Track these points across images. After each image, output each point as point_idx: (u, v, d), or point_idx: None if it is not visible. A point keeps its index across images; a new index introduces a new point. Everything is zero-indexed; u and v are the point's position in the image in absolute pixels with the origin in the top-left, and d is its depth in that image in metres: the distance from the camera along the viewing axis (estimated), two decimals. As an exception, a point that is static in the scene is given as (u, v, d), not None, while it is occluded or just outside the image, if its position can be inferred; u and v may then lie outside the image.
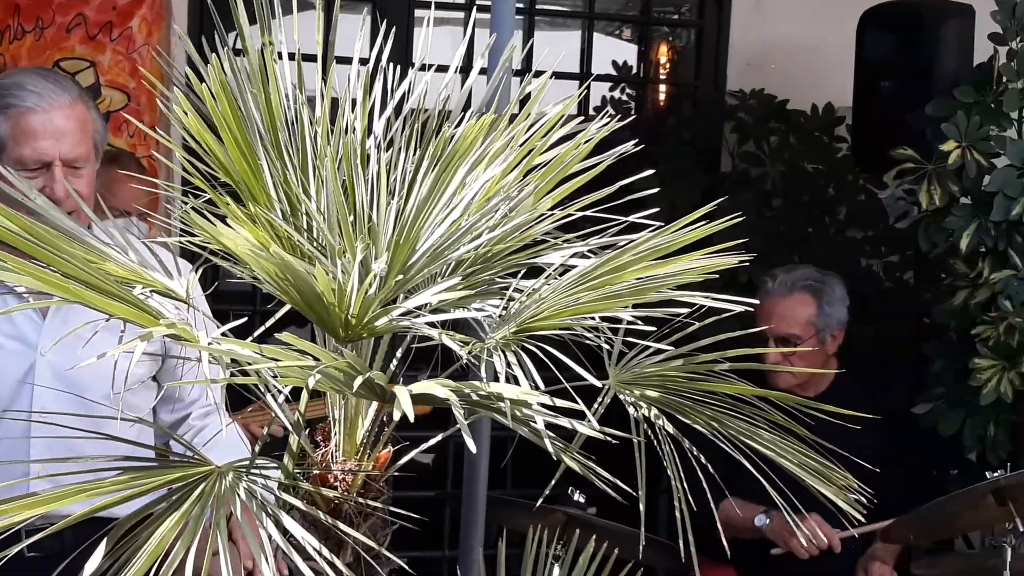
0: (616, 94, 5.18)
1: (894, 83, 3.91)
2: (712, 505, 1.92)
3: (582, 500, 3.18)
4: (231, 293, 4.46)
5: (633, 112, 5.11)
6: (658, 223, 1.73)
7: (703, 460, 1.74)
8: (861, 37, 4.03)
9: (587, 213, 1.83)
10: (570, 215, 1.80)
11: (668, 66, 5.20)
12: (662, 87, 5.20)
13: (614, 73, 5.04)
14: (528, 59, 4.66)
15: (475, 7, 4.22)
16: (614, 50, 5.12)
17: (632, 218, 1.78)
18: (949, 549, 4.19)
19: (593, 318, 1.70)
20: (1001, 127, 3.59)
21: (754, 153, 4.61)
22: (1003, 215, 3.49)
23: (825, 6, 4.71)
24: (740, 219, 1.78)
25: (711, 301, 1.65)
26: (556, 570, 1.98)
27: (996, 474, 3.02)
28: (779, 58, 4.80)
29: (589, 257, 1.76)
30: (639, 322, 1.71)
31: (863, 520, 1.93)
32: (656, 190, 1.85)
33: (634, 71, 5.02)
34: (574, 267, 1.73)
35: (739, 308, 1.67)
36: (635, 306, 1.61)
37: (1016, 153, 3.52)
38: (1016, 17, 3.57)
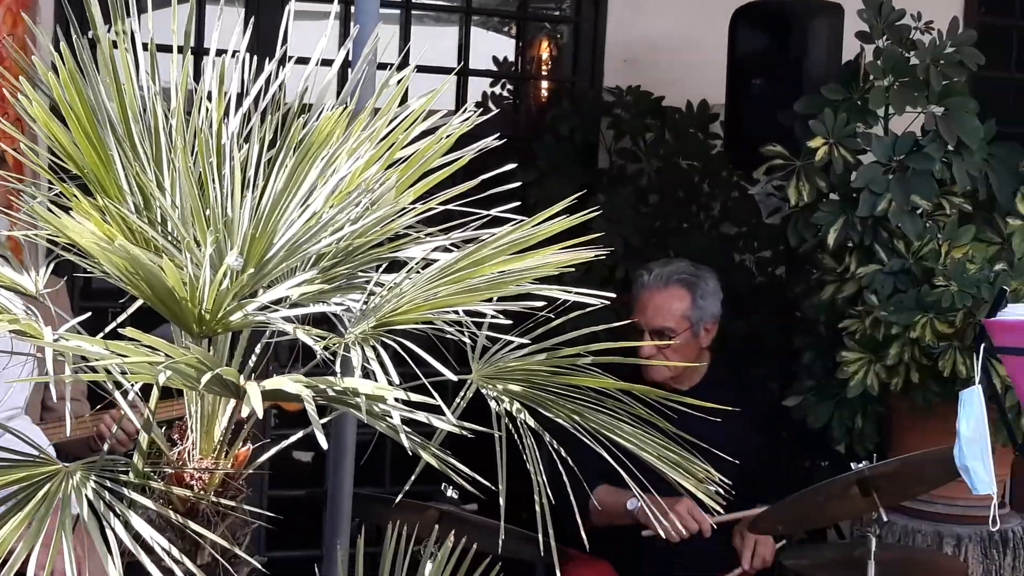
0: (497, 90, 5.18)
1: (765, 81, 3.96)
2: (571, 498, 1.92)
3: (455, 496, 3.17)
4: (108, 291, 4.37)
5: (513, 108, 5.10)
6: (519, 217, 1.73)
7: (563, 454, 1.75)
8: (733, 35, 4.08)
9: (452, 207, 1.83)
10: (432, 209, 1.79)
11: (547, 62, 5.22)
12: (541, 83, 5.21)
13: (494, 68, 5.04)
14: (407, 54, 4.65)
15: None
16: (495, 46, 5.12)
17: (493, 212, 1.78)
18: (823, 539, 4.27)
19: (458, 312, 1.69)
20: (867, 124, 3.66)
21: (631, 149, 4.65)
22: (869, 211, 3.56)
23: (699, 4, 4.76)
24: (598, 213, 1.77)
25: (568, 295, 1.65)
26: (428, 567, 1.97)
27: (860, 465, 3.08)
28: (655, 55, 4.84)
29: (452, 251, 1.75)
30: (501, 316, 1.71)
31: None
32: (515, 185, 1.82)
33: (514, 67, 5.03)
34: (437, 261, 1.72)
35: (597, 302, 1.67)
36: (494, 300, 1.61)
37: (881, 150, 3.59)
38: (882, 16, 3.64)
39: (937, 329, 3.45)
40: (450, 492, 3.12)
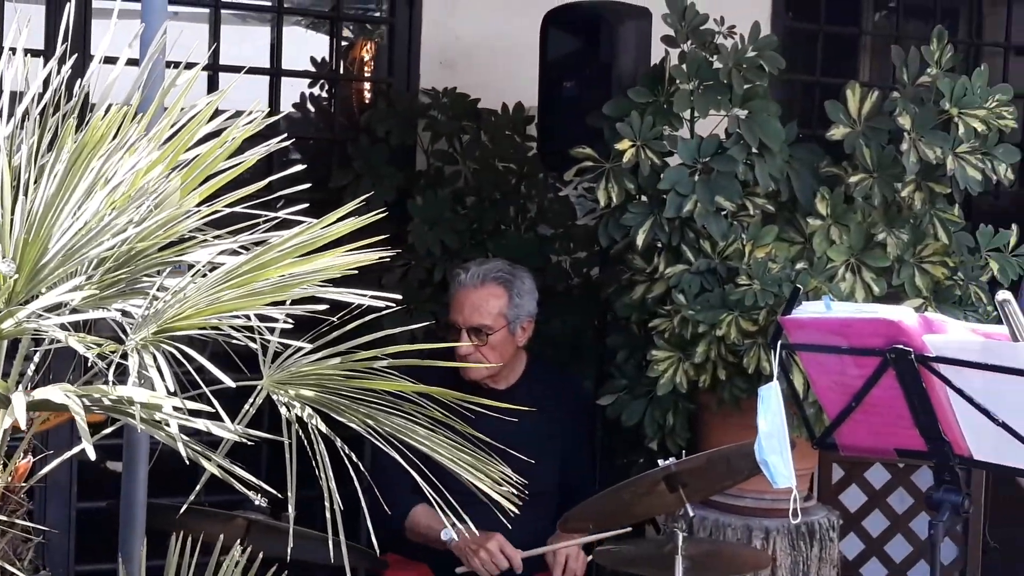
0: (316, 91, 5.13)
1: (576, 84, 4.00)
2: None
3: (264, 504, 3.11)
4: None
5: (329, 109, 5.06)
6: (307, 219, 1.71)
7: (355, 459, 1.73)
8: (544, 38, 4.11)
9: (243, 210, 1.79)
10: (219, 212, 1.75)
11: (364, 63, 5.19)
12: (357, 84, 5.17)
13: (311, 69, 4.99)
14: (216, 54, 4.57)
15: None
16: (313, 46, 5.07)
17: (282, 214, 1.75)
18: (640, 536, 4.34)
19: (249, 316, 1.66)
20: (673, 127, 3.72)
21: (447, 151, 4.65)
22: (676, 212, 3.62)
23: (513, 6, 4.78)
24: (383, 214, 1.76)
25: (354, 297, 1.64)
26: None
27: (667, 461, 3.13)
28: (471, 57, 4.86)
29: (240, 254, 1.72)
30: (289, 320, 1.69)
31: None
32: (304, 187, 1.80)
33: (330, 68, 4.98)
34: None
35: (383, 304, 1.66)
36: (279, 303, 1.59)
37: (687, 152, 3.66)
38: (686, 20, 3.72)
39: (742, 327, 3.54)
40: (259, 500, 3.05)
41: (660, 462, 3.16)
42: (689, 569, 3.21)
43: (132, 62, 1.83)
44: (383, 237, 1.71)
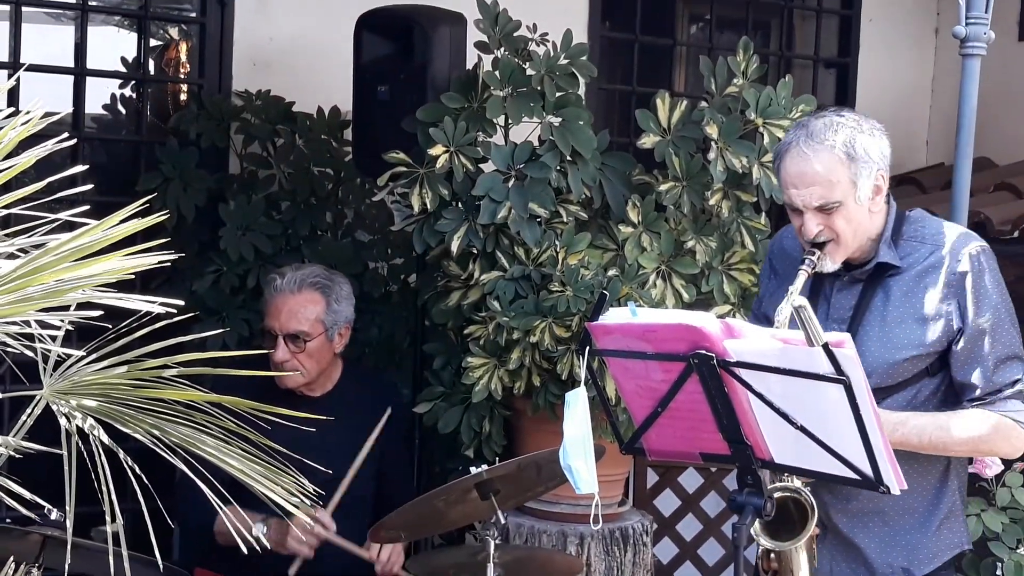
0: (127, 92, 4.98)
1: (391, 88, 3.96)
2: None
3: (61, 519, 3.00)
4: None
5: (138, 111, 4.92)
6: (86, 221, 1.64)
7: (139, 471, 1.67)
8: (358, 41, 4.06)
9: (23, 212, 1.71)
10: (-6, 214, 1.67)
11: (181, 63, 5.06)
12: (168, 86, 5.05)
13: (122, 69, 4.84)
14: (17, 53, 4.41)
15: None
16: (124, 47, 4.92)
17: (63, 215, 1.67)
18: (460, 543, 4.32)
19: (29, 323, 1.58)
20: (487, 133, 3.72)
21: (261, 155, 4.57)
22: (490, 218, 3.62)
23: (327, 8, 4.73)
24: (164, 216, 1.70)
25: (129, 302, 1.57)
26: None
27: (477, 469, 3.12)
28: (286, 59, 4.78)
29: (19, 257, 1.64)
30: (70, 327, 1.61)
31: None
32: (86, 188, 1.72)
33: (140, 69, 4.84)
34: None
35: (159, 309, 1.60)
36: (54, 308, 1.52)
37: (500, 158, 3.66)
38: (499, 26, 3.72)
39: (555, 333, 3.55)
40: (55, 515, 2.94)
41: (472, 469, 3.14)
42: (502, 576, 3.20)
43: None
44: (165, 241, 1.64)
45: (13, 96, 4.04)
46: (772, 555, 2.78)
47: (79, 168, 1.77)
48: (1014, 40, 5.89)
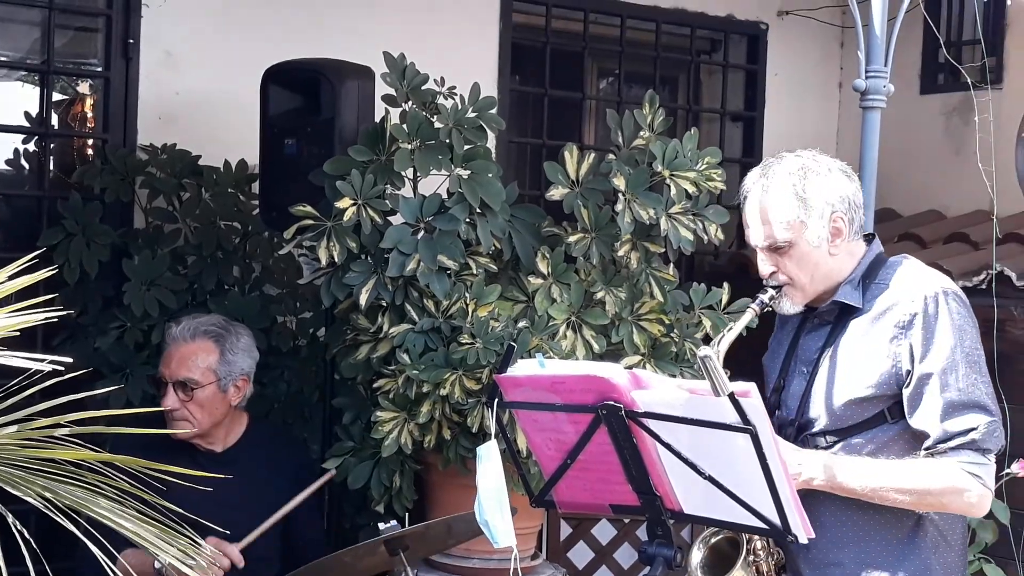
0: (31, 147, 4.91)
1: (298, 141, 3.94)
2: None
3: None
4: None
5: (39, 166, 4.84)
6: (-28, 277, 1.59)
7: (26, 534, 1.61)
8: (265, 95, 4.03)
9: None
10: None
11: (88, 119, 5.00)
12: (71, 140, 4.98)
13: (25, 124, 4.77)
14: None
15: None
16: (28, 101, 4.85)
17: (-52, 272, 1.62)
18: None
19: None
20: (395, 185, 3.71)
21: (166, 209, 4.51)
22: (398, 271, 3.60)
23: (232, 62, 4.70)
24: (54, 271, 1.66)
25: (12, 359, 1.53)
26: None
27: (387, 525, 3.08)
28: (191, 113, 4.74)
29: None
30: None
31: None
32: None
33: (42, 123, 4.76)
34: None
35: (47, 367, 1.56)
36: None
37: (409, 210, 3.64)
38: (407, 79, 3.71)
39: (465, 386, 3.53)
40: (-53, 580, 2.84)
41: (380, 526, 3.09)
42: (412, 632, 3.16)
43: None
44: (51, 296, 1.60)
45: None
46: None
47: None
48: (915, 93, 6.02)
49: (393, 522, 3.13)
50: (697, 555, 2.74)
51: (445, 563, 3.81)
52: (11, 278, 1.58)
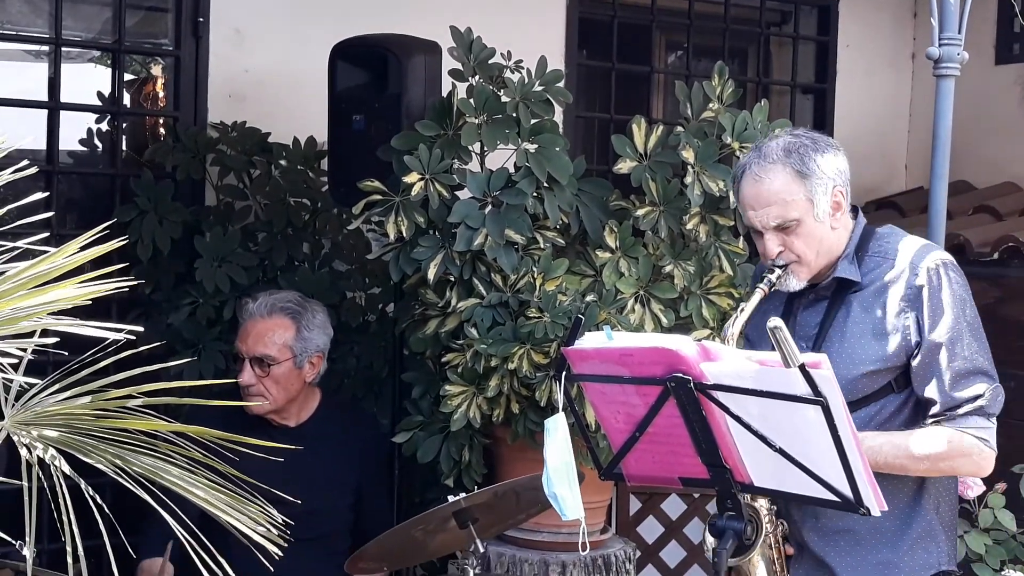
0: (103, 126, 4.97)
1: (366, 117, 3.95)
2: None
3: (31, 553, 2.95)
4: None
5: (112, 144, 4.90)
6: (45, 249, 1.61)
7: (100, 500, 1.64)
8: (333, 71, 4.05)
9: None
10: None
11: (160, 98, 5.05)
12: (144, 119, 5.03)
13: (98, 103, 4.83)
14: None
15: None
16: (100, 81, 4.91)
17: (22, 244, 1.65)
18: (442, 574, 4.29)
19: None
20: (462, 160, 3.71)
21: (237, 187, 4.55)
22: (466, 245, 3.60)
23: (301, 39, 4.73)
24: (124, 241, 1.67)
25: (85, 328, 1.54)
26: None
27: (455, 497, 3.08)
28: (261, 91, 4.77)
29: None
30: (29, 355, 1.59)
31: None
32: (46, 215, 1.70)
33: (114, 102, 4.82)
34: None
35: (121, 336, 1.57)
36: (9, 337, 1.49)
37: (476, 185, 3.64)
38: (473, 54, 3.71)
39: (533, 360, 3.53)
40: (25, 550, 2.89)
41: (450, 498, 3.10)
42: (482, 606, 3.17)
43: None
44: (124, 265, 1.62)
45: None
46: (731, 572, 2.76)
47: (40, 195, 1.74)
48: (990, 64, 5.91)
49: (462, 494, 3.14)
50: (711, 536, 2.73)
51: (515, 537, 3.82)
52: (83, 249, 1.59)
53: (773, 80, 6.25)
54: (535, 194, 3.65)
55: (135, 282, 1.64)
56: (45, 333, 1.56)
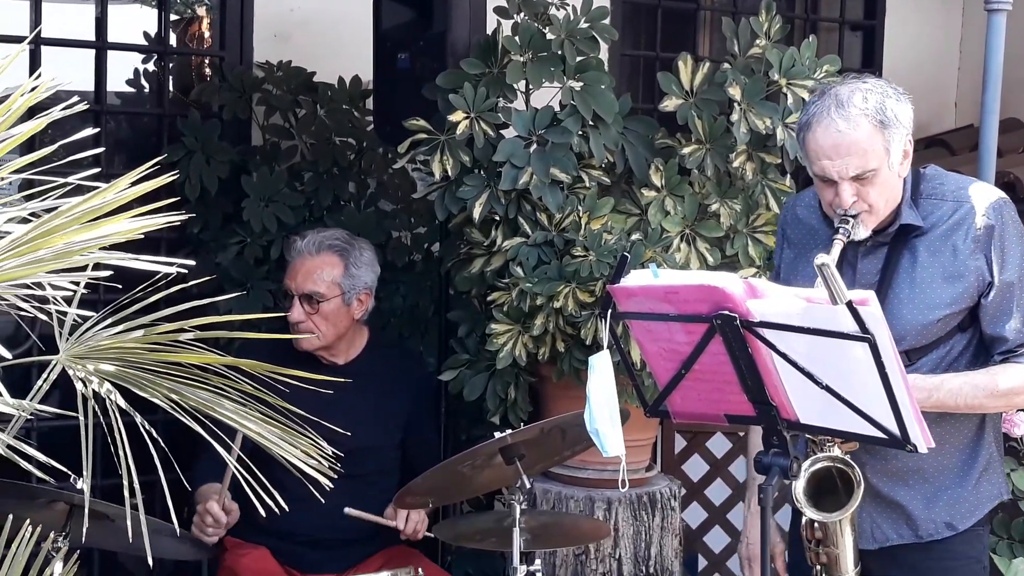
0: (150, 67, 4.99)
1: (410, 55, 3.94)
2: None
3: (88, 487, 3.00)
4: None
5: (159, 84, 4.92)
6: (96, 184, 1.63)
7: (155, 434, 1.67)
8: (377, 10, 4.04)
9: (35, 177, 1.70)
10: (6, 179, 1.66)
11: (204, 38, 5.06)
12: (189, 59, 5.04)
13: (144, 43, 4.84)
14: (37, 28, 4.41)
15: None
16: (147, 21, 4.92)
17: (73, 179, 1.67)
18: (488, 510, 4.32)
19: (41, 286, 1.58)
20: (507, 98, 3.70)
21: (283, 126, 4.56)
22: (511, 184, 3.60)
23: (346, -23, 4.72)
24: (174, 176, 1.69)
25: (137, 262, 1.56)
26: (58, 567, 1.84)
27: (503, 433, 3.11)
28: (306, 30, 4.77)
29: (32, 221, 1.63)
30: (84, 290, 1.61)
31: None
32: (96, 151, 1.72)
33: (160, 42, 4.83)
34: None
35: (172, 269, 1.59)
36: (63, 270, 1.51)
37: (521, 123, 3.63)
38: (519, -10, 3.69)
39: (578, 298, 3.54)
40: (80, 484, 2.95)
41: (496, 434, 3.13)
42: (529, 541, 3.19)
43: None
44: (173, 200, 1.63)
45: (35, 72, 4.03)
46: (816, 524, 2.77)
47: (90, 131, 1.76)
48: (1044, -2, 5.79)
49: (508, 431, 3.16)
50: (800, 484, 2.72)
51: (560, 474, 3.85)
52: (133, 184, 1.61)
53: (821, 16, 6.17)
54: (580, 132, 3.64)
55: (185, 216, 1.65)
56: (97, 268, 1.58)
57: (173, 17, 4.94)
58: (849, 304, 2.32)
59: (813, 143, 2.75)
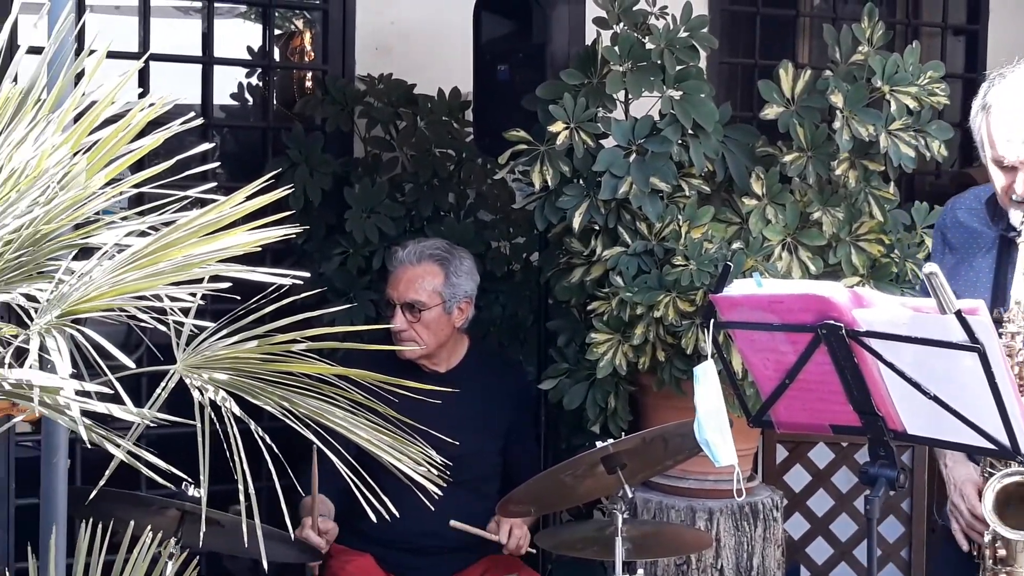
0: (254, 80, 5.09)
1: (510, 67, 3.98)
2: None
3: (198, 495, 3.07)
4: None
5: (263, 98, 5.01)
6: (214, 198, 1.67)
7: (268, 440, 1.70)
8: (477, 21, 4.08)
9: (152, 191, 1.75)
10: (125, 193, 1.71)
11: (306, 52, 5.15)
12: (292, 72, 5.13)
13: (247, 58, 4.94)
14: (147, 45, 4.52)
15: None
16: (250, 36, 5.02)
17: (192, 193, 1.71)
18: (589, 519, 4.33)
19: (161, 298, 1.63)
20: (607, 108, 3.71)
21: (384, 138, 4.62)
22: (611, 193, 3.61)
23: (446, -10, 4.76)
24: (290, 190, 1.72)
25: (254, 275, 1.60)
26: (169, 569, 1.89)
27: (605, 443, 3.11)
28: (407, 43, 4.82)
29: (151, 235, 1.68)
30: (199, 301, 1.65)
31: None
32: (213, 165, 1.76)
33: (264, 56, 4.93)
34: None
35: (287, 280, 1.63)
36: (182, 283, 1.56)
37: (621, 133, 3.64)
38: (618, 1, 3.70)
39: (679, 307, 3.53)
40: (192, 491, 3.02)
41: (598, 443, 3.14)
42: (630, 551, 3.20)
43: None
44: (289, 213, 1.67)
45: (144, 87, 4.15)
46: (999, 541, 2.71)
47: (207, 145, 1.80)
48: None
49: (610, 440, 3.17)
50: (989, 497, 2.66)
51: (662, 483, 3.85)
52: (248, 199, 1.65)
53: (923, 22, 6.08)
54: (680, 141, 3.63)
55: (299, 228, 1.69)
56: (213, 280, 1.62)
57: (276, 32, 5.03)
58: (958, 313, 2.29)
59: (994, 125, 2.69)
